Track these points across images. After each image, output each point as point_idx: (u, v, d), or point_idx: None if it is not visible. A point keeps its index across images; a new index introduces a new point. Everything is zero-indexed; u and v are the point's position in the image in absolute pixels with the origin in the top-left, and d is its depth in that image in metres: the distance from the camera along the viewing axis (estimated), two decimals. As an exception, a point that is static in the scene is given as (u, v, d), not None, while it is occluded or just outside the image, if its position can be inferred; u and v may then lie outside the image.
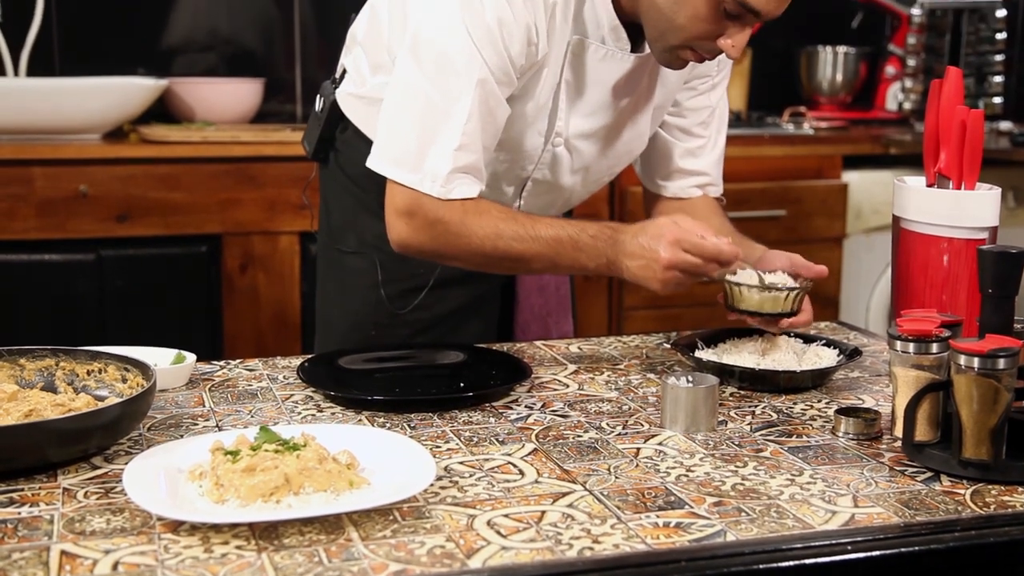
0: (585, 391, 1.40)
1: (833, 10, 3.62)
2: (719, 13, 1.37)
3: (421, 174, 1.42)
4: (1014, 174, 3.19)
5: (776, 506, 1.04)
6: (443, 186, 1.41)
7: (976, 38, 3.33)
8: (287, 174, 2.81)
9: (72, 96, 2.80)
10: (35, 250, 2.72)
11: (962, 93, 1.45)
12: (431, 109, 1.41)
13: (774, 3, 1.36)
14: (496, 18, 1.39)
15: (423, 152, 1.41)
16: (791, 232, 3.07)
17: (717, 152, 1.71)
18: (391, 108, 1.46)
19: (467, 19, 1.39)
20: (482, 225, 1.42)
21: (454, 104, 1.40)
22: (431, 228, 1.43)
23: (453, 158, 1.41)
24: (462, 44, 1.39)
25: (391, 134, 1.45)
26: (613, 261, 1.40)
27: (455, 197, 1.42)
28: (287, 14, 3.30)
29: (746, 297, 1.45)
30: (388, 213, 1.46)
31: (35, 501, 1.03)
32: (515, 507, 1.03)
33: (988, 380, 1.09)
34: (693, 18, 1.38)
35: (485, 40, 1.39)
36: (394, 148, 1.44)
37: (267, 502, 0.99)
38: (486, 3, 1.38)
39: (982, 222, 1.40)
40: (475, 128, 1.41)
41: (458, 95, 1.40)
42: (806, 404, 1.36)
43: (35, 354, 1.30)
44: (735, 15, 1.38)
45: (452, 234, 1.43)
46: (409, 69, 1.44)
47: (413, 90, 1.43)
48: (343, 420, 1.28)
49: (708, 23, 1.38)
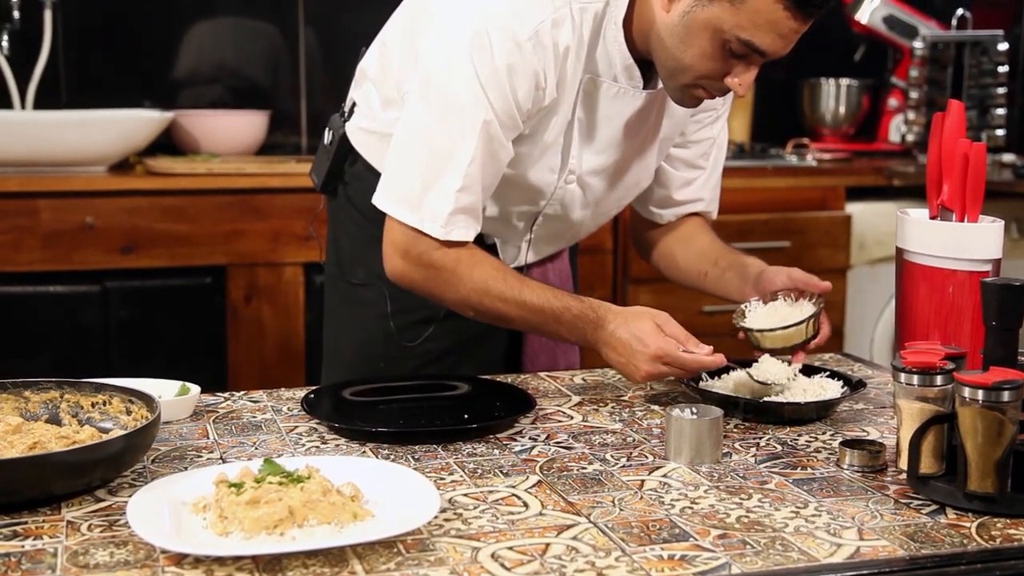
0: (589, 422, 1.40)
1: (836, 43, 3.64)
2: (725, 52, 1.39)
3: (421, 214, 1.44)
4: (1017, 206, 3.20)
5: (781, 539, 1.04)
6: (443, 227, 1.43)
7: (978, 71, 3.35)
8: (292, 206, 2.82)
9: (78, 128, 2.83)
10: (40, 282, 2.73)
11: (964, 126, 1.46)
12: (436, 149, 1.43)
13: (780, 43, 1.37)
14: (505, 63, 1.40)
15: (425, 192, 1.43)
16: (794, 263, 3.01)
17: (714, 179, 1.74)
18: (397, 146, 1.48)
19: (476, 61, 1.40)
20: (472, 278, 1.45)
21: (458, 145, 1.42)
22: (424, 270, 1.47)
23: (455, 199, 1.43)
24: (469, 86, 1.40)
25: (396, 172, 1.48)
26: (593, 344, 1.45)
27: (453, 239, 1.44)
28: (292, 47, 3.33)
29: (769, 337, 1.47)
30: (385, 245, 1.49)
31: (39, 534, 1.03)
32: (519, 539, 1.03)
33: (993, 412, 1.09)
34: (700, 57, 1.39)
35: (492, 83, 1.40)
36: (398, 186, 1.47)
37: (271, 534, 0.99)
38: (496, 47, 1.39)
39: (985, 254, 1.40)
40: (477, 170, 1.42)
41: (462, 136, 1.41)
42: (811, 436, 1.36)
43: (39, 386, 1.30)
44: (741, 55, 1.39)
45: (442, 280, 1.47)
46: (417, 108, 1.46)
47: (419, 129, 1.45)
48: (347, 452, 1.28)
49: (715, 62, 1.40)
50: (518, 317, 1.47)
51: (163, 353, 2.81)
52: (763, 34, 1.36)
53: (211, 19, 3.27)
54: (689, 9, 1.38)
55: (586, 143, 1.54)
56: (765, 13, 1.34)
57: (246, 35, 3.31)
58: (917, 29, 3.51)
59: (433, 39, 1.46)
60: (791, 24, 1.35)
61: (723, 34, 1.37)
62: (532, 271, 1.66)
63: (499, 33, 1.39)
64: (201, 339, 2.86)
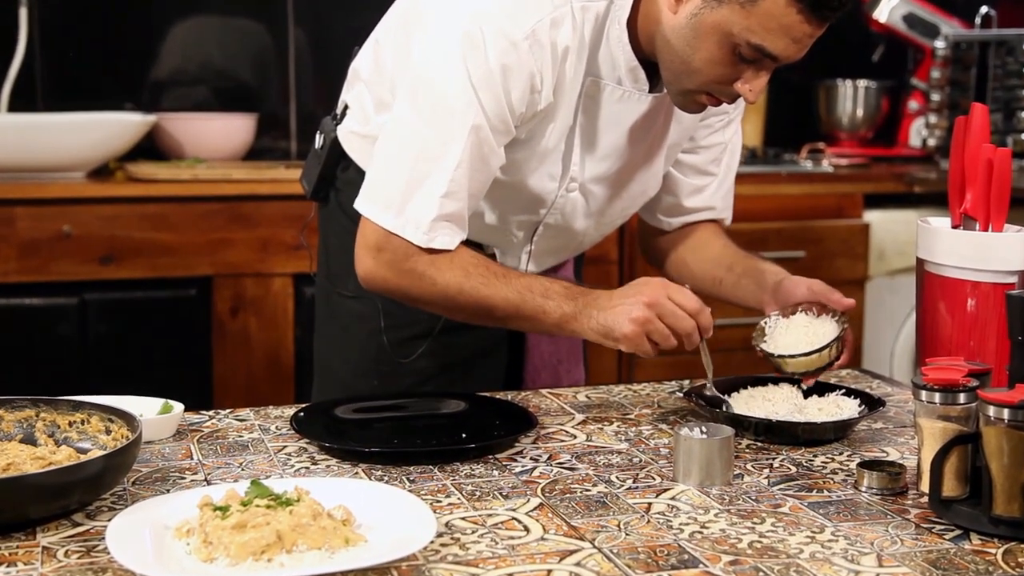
0: (593, 442, 1.40)
1: (853, 42, 3.65)
2: (735, 57, 1.39)
3: (403, 218, 1.44)
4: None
5: (796, 565, 1.04)
6: (426, 233, 1.43)
7: (1003, 72, 3.35)
8: (281, 213, 2.83)
9: (56, 132, 2.83)
10: (15, 294, 2.73)
11: (988, 130, 1.47)
12: (422, 152, 1.43)
13: (793, 48, 1.37)
14: (499, 63, 1.40)
15: (409, 196, 1.43)
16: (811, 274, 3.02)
17: (726, 186, 1.74)
18: (383, 148, 1.48)
19: (468, 61, 1.40)
20: (451, 266, 1.44)
21: (446, 149, 1.42)
22: (398, 265, 1.45)
23: (439, 204, 1.42)
24: (461, 87, 1.40)
25: (380, 175, 1.47)
26: (579, 311, 1.42)
27: (436, 247, 1.44)
28: (281, 46, 3.34)
29: (791, 363, 1.48)
30: (358, 247, 1.49)
31: (12, 561, 1.03)
32: (520, 566, 1.03)
33: (1020, 432, 1.09)
34: (708, 61, 1.40)
35: (485, 84, 1.40)
36: (381, 190, 1.46)
37: (258, 560, 0.99)
38: (490, 46, 1.39)
39: (1011, 265, 1.40)
40: (464, 175, 1.42)
41: (451, 139, 1.41)
42: (827, 457, 1.36)
43: (14, 404, 1.30)
44: (751, 59, 1.39)
45: (418, 274, 1.45)
46: (405, 109, 1.46)
47: (406, 132, 1.45)
48: (339, 473, 1.28)
49: (724, 67, 1.40)
50: (501, 298, 1.44)
51: (145, 369, 2.82)
52: (775, 38, 1.36)
53: (196, 17, 3.28)
54: (697, 11, 1.38)
55: (588, 149, 1.54)
56: (778, 16, 1.34)
57: (233, 34, 3.32)
58: (939, 28, 3.52)
59: (425, 37, 1.46)
60: (805, 28, 1.35)
61: (733, 38, 1.37)
62: None
63: (493, 32, 1.40)
64: (185, 354, 2.87)
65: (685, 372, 2.85)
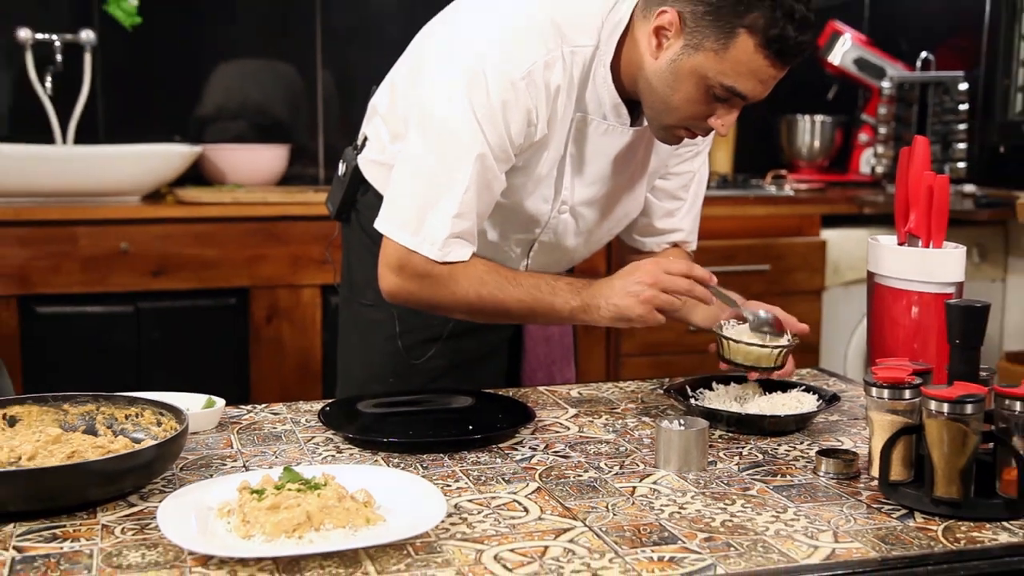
0: (585, 433, 1.40)
1: (811, 82, 3.66)
2: (709, 96, 1.39)
3: (420, 237, 1.43)
4: (978, 233, 3.20)
5: (762, 541, 1.04)
6: (440, 249, 1.43)
7: (941, 108, 3.36)
8: (310, 232, 2.83)
9: (115, 162, 2.84)
10: (78, 303, 2.73)
11: (929, 159, 1.47)
12: (433, 178, 1.43)
13: (760, 88, 1.38)
14: (500, 100, 1.40)
15: (423, 217, 1.43)
16: (774, 285, 3.07)
17: (694, 212, 1.73)
18: (398, 175, 1.47)
19: (472, 97, 1.40)
20: (468, 275, 1.44)
21: (454, 174, 1.41)
22: (420, 280, 1.45)
23: (451, 224, 1.42)
24: (466, 120, 1.40)
25: (396, 198, 1.47)
26: (587, 303, 1.42)
27: (451, 260, 1.44)
28: (311, 86, 3.34)
29: (739, 350, 1.46)
30: (381, 266, 1.48)
31: (76, 537, 1.03)
32: (520, 542, 1.03)
33: (957, 424, 1.09)
34: (686, 101, 1.40)
35: (487, 119, 1.40)
36: (398, 212, 1.46)
37: (290, 538, 0.99)
38: (491, 84, 1.39)
39: (949, 278, 1.40)
40: (472, 198, 1.42)
41: (458, 166, 1.41)
42: (789, 446, 1.36)
43: (77, 400, 1.30)
44: (724, 98, 1.39)
45: (440, 284, 1.45)
46: (417, 140, 1.46)
47: (418, 160, 1.45)
48: (360, 461, 1.28)
49: (700, 105, 1.40)
50: (515, 300, 1.44)
51: (191, 369, 2.81)
52: (745, 80, 1.36)
53: (236, 60, 3.29)
54: (676, 57, 1.38)
55: (578, 176, 1.54)
56: (747, 62, 1.34)
57: (268, 75, 3.32)
58: (885, 70, 3.53)
59: (432, 76, 1.46)
60: (770, 71, 1.36)
61: (708, 80, 1.37)
62: None
63: (494, 72, 1.40)
64: (226, 356, 2.87)
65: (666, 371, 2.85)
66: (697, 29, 1.35)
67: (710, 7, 1.34)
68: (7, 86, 3.10)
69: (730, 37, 1.34)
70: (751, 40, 1.33)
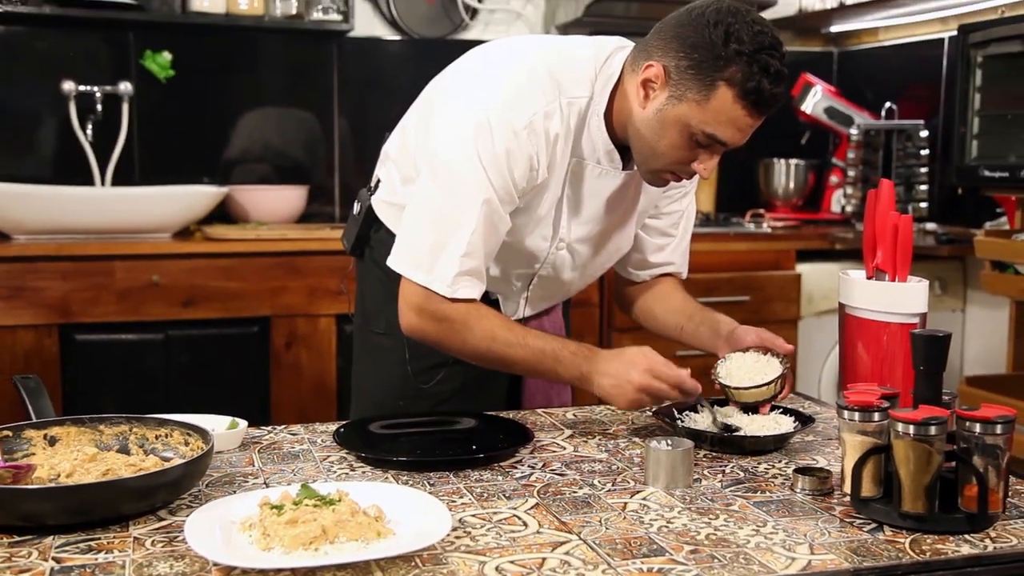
0: (579, 453, 1.39)
1: (786, 129, 3.68)
2: (692, 142, 1.40)
3: (432, 275, 1.43)
4: (939, 267, 3.21)
5: (744, 553, 1.03)
6: (450, 287, 1.43)
7: (904, 153, 3.37)
8: (326, 266, 2.84)
9: (148, 202, 2.85)
10: (114, 331, 2.73)
11: (894, 200, 1.47)
12: (443, 220, 1.43)
13: (738, 136, 1.39)
14: (504, 148, 1.40)
15: (434, 257, 1.43)
16: (754, 314, 3.07)
17: (684, 246, 1.74)
18: (410, 216, 1.48)
19: (479, 146, 1.40)
20: (481, 327, 1.44)
21: (462, 217, 1.41)
22: (438, 323, 1.45)
23: (460, 263, 1.42)
24: (473, 167, 1.40)
25: (409, 239, 1.47)
26: (587, 375, 1.43)
27: (460, 296, 1.43)
28: (328, 131, 3.36)
29: (744, 394, 1.47)
30: (401, 303, 1.48)
31: (110, 548, 1.03)
32: (520, 554, 1.02)
33: (922, 444, 1.08)
34: (671, 147, 1.40)
35: (492, 165, 1.40)
36: (410, 251, 1.46)
37: (307, 550, 0.99)
38: (496, 134, 1.40)
39: (914, 309, 1.40)
40: (479, 239, 1.42)
41: (466, 209, 1.41)
42: (768, 464, 1.35)
43: (112, 421, 1.30)
44: (705, 144, 1.40)
45: (454, 331, 1.45)
46: (427, 184, 1.46)
47: (429, 203, 1.45)
48: (372, 478, 1.27)
49: (683, 151, 1.41)
50: (521, 359, 1.45)
51: (216, 392, 2.81)
52: (724, 128, 1.37)
53: (259, 108, 3.31)
54: (662, 107, 1.39)
55: (574, 215, 1.54)
56: (726, 111, 1.35)
57: (289, 122, 3.34)
58: (852, 119, 3.55)
59: (442, 125, 1.46)
60: (748, 120, 1.37)
61: (690, 128, 1.38)
62: (530, 323, 1.66)
63: (499, 122, 1.40)
64: (248, 380, 2.86)
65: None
66: (681, 82, 1.36)
67: (692, 62, 1.35)
68: (52, 133, 3.11)
69: (711, 89, 1.34)
70: (730, 92, 1.34)
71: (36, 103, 3.08)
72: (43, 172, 3.08)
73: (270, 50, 3.28)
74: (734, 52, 1.32)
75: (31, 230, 2.73)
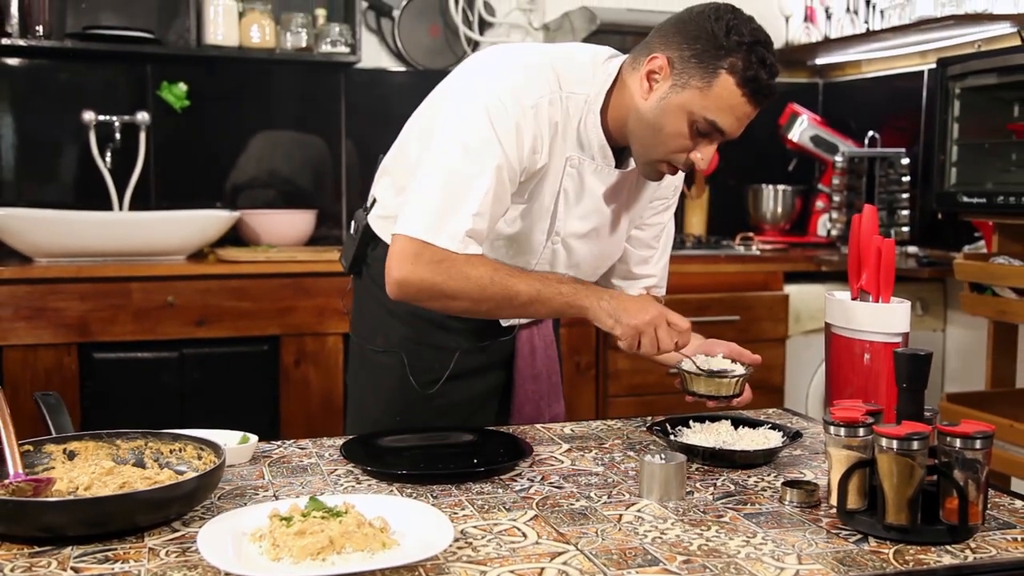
0: (576, 466, 1.39)
1: (774, 157, 3.70)
2: (693, 130, 1.41)
3: (440, 234, 1.38)
4: (920, 288, 3.21)
5: (735, 563, 1.03)
6: (460, 242, 1.39)
7: (887, 180, 3.39)
8: (334, 287, 2.84)
9: (164, 225, 2.85)
10: (130, 349, 2.73)
11: (877, 225, 1.48)
12: (456, 181, 1.39)
13: (736, 125, 1.41)
14: (515, 123, 1.40)
15: (444, 217, 1.38)
16: (744, 333, 3.07)
17: (663, 261, 1.74)
18: (420, 180, 1.43)
19: (493, 116, 1.40)
20: (481, 263, 1.40)
21: (476, 179, 1.39)
22: (436, 264, 1.38)
23: (472, 220, 1.39)
24: (488, 133, 1.39)
25: (418, 202, 1.40)
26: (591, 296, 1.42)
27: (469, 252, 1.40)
28: (335, 158, 3.37)
29: (698, 381, 1.47)
30: (391, 259, 1.40)
31: (126, 559, 1.03)
32: (519, 564, 1.02)
33: (905, 458, 1.08)
34: (672, 134, 1.42)
35: (505, 135, 1.40)
36: (419, 215, 1.40)
37: (315, 560, 0.99)
38: (509, 108, 1.40)
39: (897, 328, 1.41)
40: (490, 202, 1.40)
41: (480, 173, 1.39)
42: (758, 477, 1.35)
43: (128, 436, 1.30)
44: (705, 132, 1.42)
45: (455, 267, 1.38)
46: (438, 153, 1.42)
47: (441, 166, 1.41)
48: (377, 491, 1.27)
49: (683, 139, 1.42)
50: (525, 286, 1.41)
51: (228, 408, 2.80)
52: (724, 115, 1.39)
53: (270, 137, 3.32)
54: (665, 95, 1.41)
55: (570, 210, 1.54)
56: (727, 98, 1.38)
57: (298, 149, 3.35)
58: (837, 146, 3.56)
59: (451, 109, 1.45)
60: (746, 108, 1.39)
61: (692, 115, 1.39)
62: (521, 334, 1.66)
63: (510, 99, 1.41)
64: (258, 396, 2.86)
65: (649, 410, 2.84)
66: (684, 71, 1.39)
67: (695, 51, 1.38)
68: (73, 161, 3.12)
69: (713, 76, 1.37)
70: (731, 79, 1.37)
71: (58, 132, 3.10)
72: (64, 198, 3.09)
73: (281, 81, 3.30)
74: (735, 43, 1.36)
75: (52, 253, 2.74)
